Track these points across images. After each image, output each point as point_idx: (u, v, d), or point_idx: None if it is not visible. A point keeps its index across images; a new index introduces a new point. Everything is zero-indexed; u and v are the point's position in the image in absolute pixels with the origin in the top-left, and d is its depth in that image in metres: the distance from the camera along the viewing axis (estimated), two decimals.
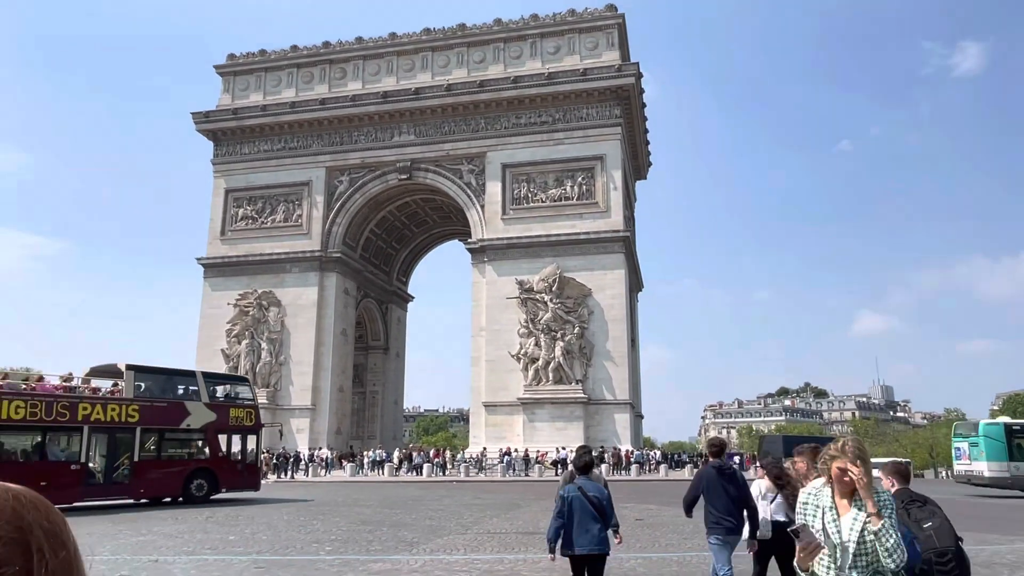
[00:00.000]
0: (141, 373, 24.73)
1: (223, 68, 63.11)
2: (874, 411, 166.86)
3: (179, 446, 24.84)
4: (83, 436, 21.78)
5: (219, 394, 26.69)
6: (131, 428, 22.85)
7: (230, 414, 25.70)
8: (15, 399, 20.53)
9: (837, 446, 4.11)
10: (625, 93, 54.65)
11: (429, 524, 17.60)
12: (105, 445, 22.57)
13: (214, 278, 58.77)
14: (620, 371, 50.49)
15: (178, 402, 24.62)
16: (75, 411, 21.65)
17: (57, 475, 20.81)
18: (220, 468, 24.94)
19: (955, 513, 6.79)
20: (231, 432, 25.65)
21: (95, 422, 22.02)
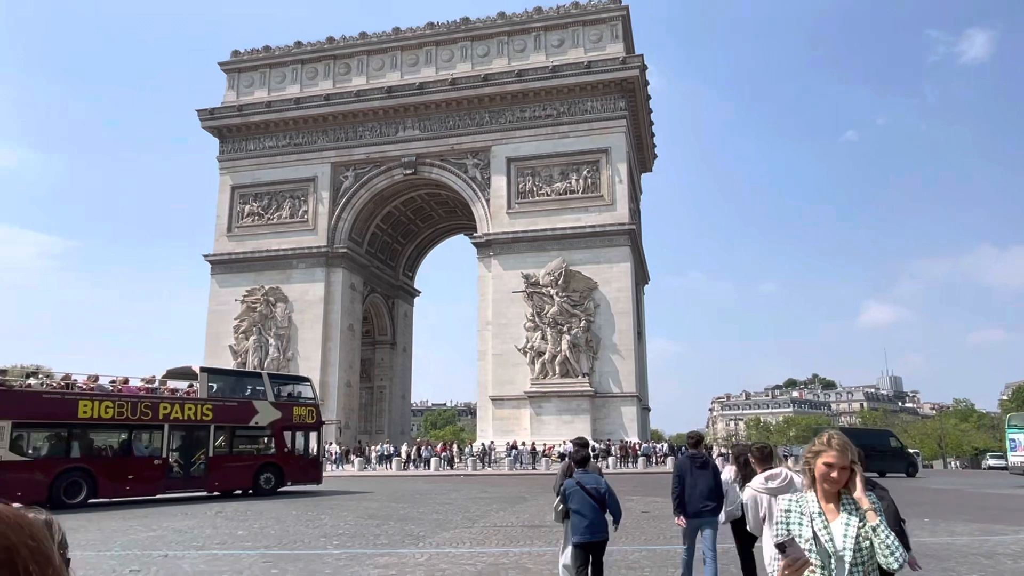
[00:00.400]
0: (213, 375, 27.20)
1: (228, 65, 63.25)
2: (882, 402, 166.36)
3: (248, 442, 26.49)
4: (164, 433, 23.55)
5: (283, 393, 28.25)
6: (206, 426, 24.50)
7: (294, 412, 27.31)
8: (105, 400, 22.47)
9: (821, 440, 3.61)
10: (630, 85, 54.54)
11: (436, 518, 17.73)
12: (183, 442, 24.31)
13: (221, 274, 59.06)
14: (626, 364, 50.55)
15: (247, 401, 26.19)
16: (157, 410, 23.47)
17: (142, 469, 22.87)
18: (286, 462, 26.50)
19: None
20: (295, 429, 27.21)
21: (174, 420, 23.76)
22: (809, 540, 3.52)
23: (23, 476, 20.39)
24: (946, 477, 47.48)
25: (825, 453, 3.56)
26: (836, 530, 3.52)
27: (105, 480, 22.08)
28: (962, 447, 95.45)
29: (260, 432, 26.32)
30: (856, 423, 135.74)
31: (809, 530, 3.55)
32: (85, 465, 21.79)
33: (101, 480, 21.97)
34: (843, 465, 3.52)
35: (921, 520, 16.46)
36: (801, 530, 3.57)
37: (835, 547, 3.48)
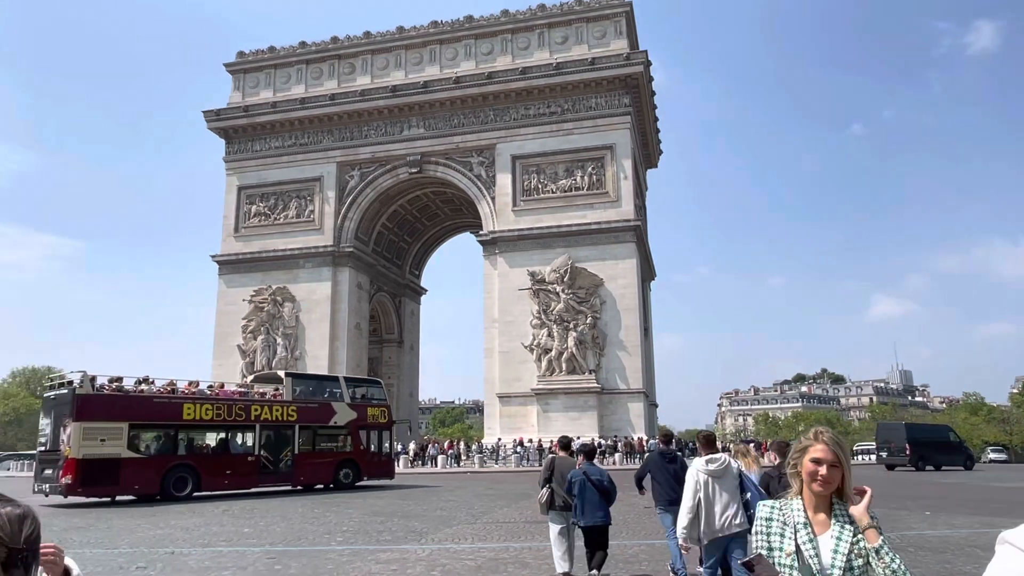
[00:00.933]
0: (297, 379, 29.68)
1: (233, 66, 63.55)
2: (892, 396, 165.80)
3: (328, 441, 28.22)
4: (255, 433, 25.80)
5: (358, 395, 30.09)
6: (291, 426, 26.67)
7: (367, 412, 29.25)
8: (205, 403, 25.01)
9: (809, 435, 3.14)
10: (634, 82, 54.51)
11: (440, 514, 17.89)
12: (271, 440, 26.34)
13: (229, 275, 59.43)
14: (633, 360, 50.60)
15: (327, 403, 28.19)
16: (249, 412, 25.81)
17: (239, 465, 25.24)
18: (362, 459, 28.60)
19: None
20: (369, 428, 29.22)
21: (264, 421, 26.04)
22: (791, 555, 3.00)
23: (139, 471, 22.79)
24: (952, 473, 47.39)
25: (812, 448, 3.06)
26: (824, 544, 2.99)
27: (207, 475, 24.39)
28: (972, 441, 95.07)
29: (338, 431, 28.24)
30: (866, 417, 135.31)
31: (792, 543, 3.03)
32: (190, 462, 24.14)
33: (204, 475, 24.29)
34: (833, 462, 2.99)
35: (922, 513, 16.51)
36: (783, 542, 3.05)
37: (820, 564, 2.95)
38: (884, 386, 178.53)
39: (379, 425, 29.57)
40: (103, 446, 22.23)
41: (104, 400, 23.15)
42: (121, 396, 23.67)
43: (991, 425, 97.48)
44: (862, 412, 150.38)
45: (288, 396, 27.16)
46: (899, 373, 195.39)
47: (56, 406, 23.69)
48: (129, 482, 22.64)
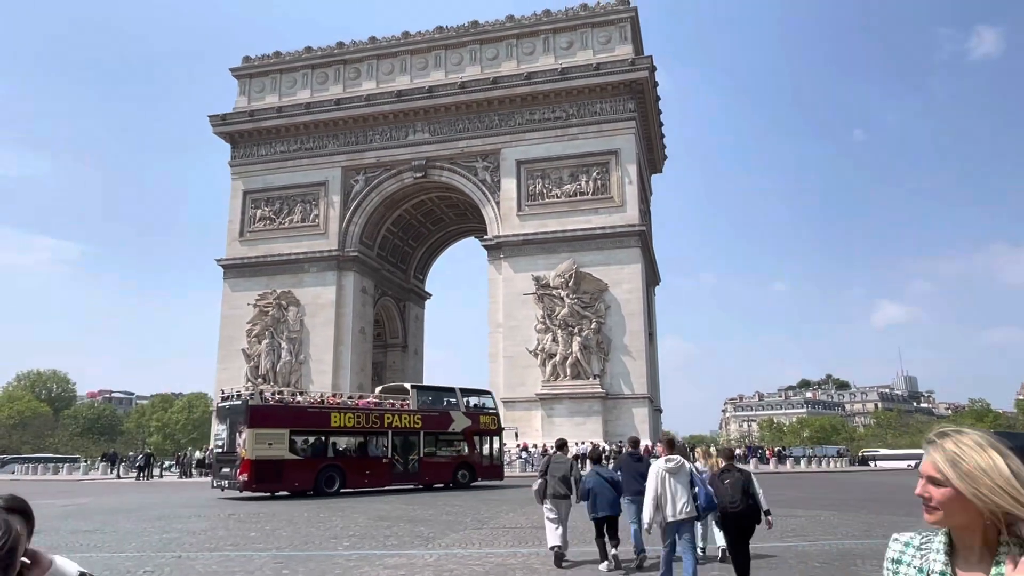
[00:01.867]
0: (420, 390, 32.72)
1: (239, 71, 63.75)
2: (897, 402, 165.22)
3: (448, 445, 31.30)
4: (389, 438, 29.15)
5: (471, 404, 32.91)
6: (417, 432, 29.92)
7: (480, 420, 32.22)
8: (348, 411, 28.85)
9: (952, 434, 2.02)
10: (639, 87, 54.52)
11: (446, 519, 17.85)
12: (401, 444, 29.51)
13: (234, 279, 59.50)
14: (638, 365, 50.51)
15: (446, 412, 31.35)
16: (383, 420, 29.28)
17: (376, 466, 28.54)
18: (476, 462, 31.66)
19: None
20: (481, 434, 32.24)
21: (395, 428, 29.40)
22: None
23: (298, 471, 26.34)
24: None
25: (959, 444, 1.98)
26: None
27: (351, 475, 27.84)
28: None
29: (456, 437, 31.41)
30: (871, 424, 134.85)
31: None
32: (337, 463, 27.69)
33: (348, 475, 27.74)
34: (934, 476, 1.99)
35: None
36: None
37: None
38: (889, 392, 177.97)
39: (490, 431, 32.59)
40: (270, 449, 25.89)
41: (270, 410, 27.18)
42: (283, 407, 27.88)
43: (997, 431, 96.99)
44: (867, 418, 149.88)
45: (414, 406, 30.57)
46: (904, 379, 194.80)
47: (231, 414, 27.45)
48: (290, 480, 26.33)
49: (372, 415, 29.22)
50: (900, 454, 76.57)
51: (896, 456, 74.74)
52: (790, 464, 57.32)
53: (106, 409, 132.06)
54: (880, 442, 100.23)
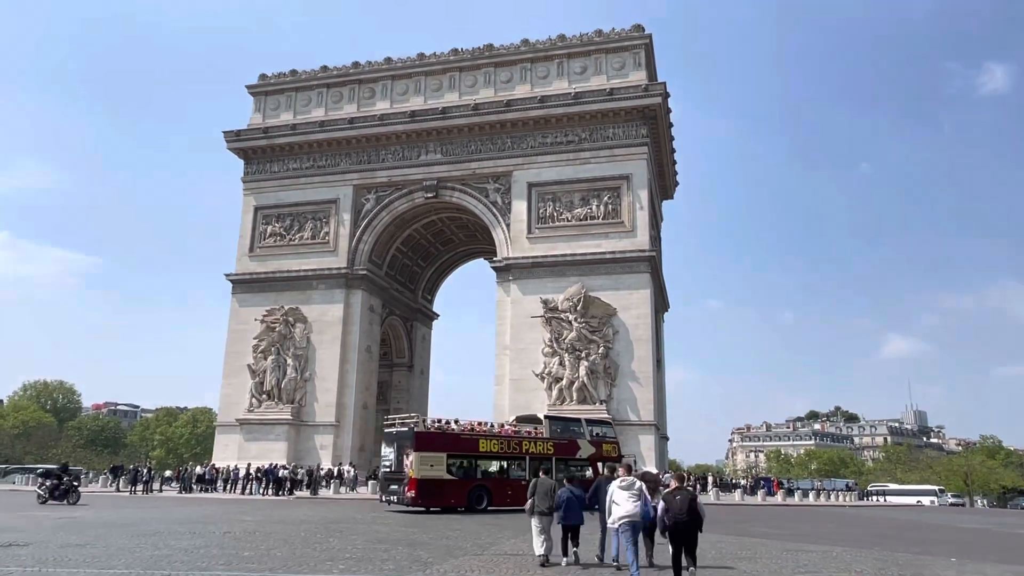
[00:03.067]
0: (552, 420, 35.45)
1: (255, 88, 64.29)
2: (907, 436, 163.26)
3: (576, 470, 33.02)
4: (526, 462, 32.02)
5: (595, 433, 35.80)
6: (549, 457, 32.61)
7: (603, 448, 34.98)
8: (493, 438, 32.05)
9: None
10: (652, 113, 54.56)
11: (446, 544, 17.40)
12: (536, 468, 29.62)
13: (242, 294, 59.48)
14: (645, 392, 49.95)
15: (573, 440, 34.38)
16: (521, 446, 32.45)
17: (516, 487, 30.50)
18: None
19: None
20: (604, 460, 33.27)
21: (531, 453, 32.41)
22: None
23: (453, 489, 29.91)
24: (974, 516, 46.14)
25: None
26: None
27: (496, 493, 31.01)
28: (989, 485, 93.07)
29: (582, 463, 33.93)
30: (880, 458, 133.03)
31: None
32: (484, 483, 31.01)
33: (494, 493, 30.98)
34: None
35: (948, 559, 15.88)
36: None
37: None
38: (899, 426, 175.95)
39: (611, 458, 34.25)
40: (432, 470, 29.33)
41: (432, 436, 30.69)
42: (442, 433, 31.17)
43: (1009, 469, 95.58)
44: (876, 452, 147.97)
45: (547, 434, 33.68)
46: (913, 413, 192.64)
47: (399, 439, 31.24)
48: (447, 497, 29.81)
49: (512, 442, 32.59)
50: (909, 489, 75.37)
51: (905, 492, 73.55)
52: (798, 497, 56.38)
53: (110, 421, 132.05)
54: (889, 477, 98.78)
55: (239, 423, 55.89)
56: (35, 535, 17.56)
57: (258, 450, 53.93)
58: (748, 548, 17.57)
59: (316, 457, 53.87)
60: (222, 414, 58.47)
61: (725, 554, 16.35)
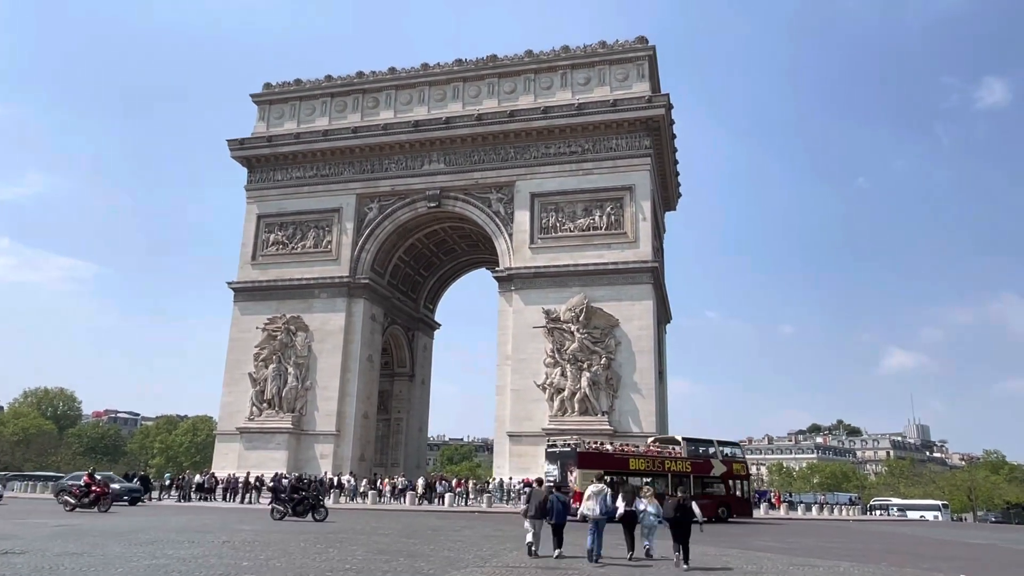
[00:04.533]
0: (688, 441, 38.61)
1: (259, 97, 64.44)
2: (909, 451, 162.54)
3: (710, 487, 37.25)
4: (668, 479, 35.01)
5: (726, 453, 39.36)
6: (687, 475, 36.27)
7: (733, 467, 38.66)
8: (640, 457, 36.04)
9: None
10: (655, 124, 54.58)
11: (447, 556, 17.19)
12: (677, 485, 34.23)
13: (244, 302, 59.38)
14: (647, 403, 49.69)
15: (707, 459, 37.76)
16: (663, 464, 36.03)
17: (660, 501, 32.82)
18: (732, 502, 38.00)
19: None
20: (734, 478, 38.56)
21: (672, 471, 35.72)
22: None
23: None
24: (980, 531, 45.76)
25: None
26: None
27: None
28: (993, 500, 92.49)
29: (715, 480, 37.68)
30: (883, 472, 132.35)
31: None
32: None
33: None
34: None
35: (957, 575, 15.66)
36: None
37: None
38: (901, 440, 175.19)
39: (741, 476, 39.13)
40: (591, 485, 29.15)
41: (592, 455, 34.90)
42: (599, 453, 35.74)
43: (1012, 484, 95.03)
44: (879, 466, 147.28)
45: (685, 453, 37.11)
46: (916, 427, 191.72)
47: (562, 457, 35.08)
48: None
49: (656, 460, 36.25)
50: (912, 504, 74.90)
51: (908, 506, 73.11)
52: (801, 510, 55.92)
53: (111, 429, 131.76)
54: (892, 491, 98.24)
55: (239, 431, 55.66)
56: (30, 544, 17.37)
57: (258, 459, 53.65)
58: (753, 562, 17.34)
59: (316, 466, 53.60)
60: (222, 422, 58.24)
61: (731, 568, 16.11)
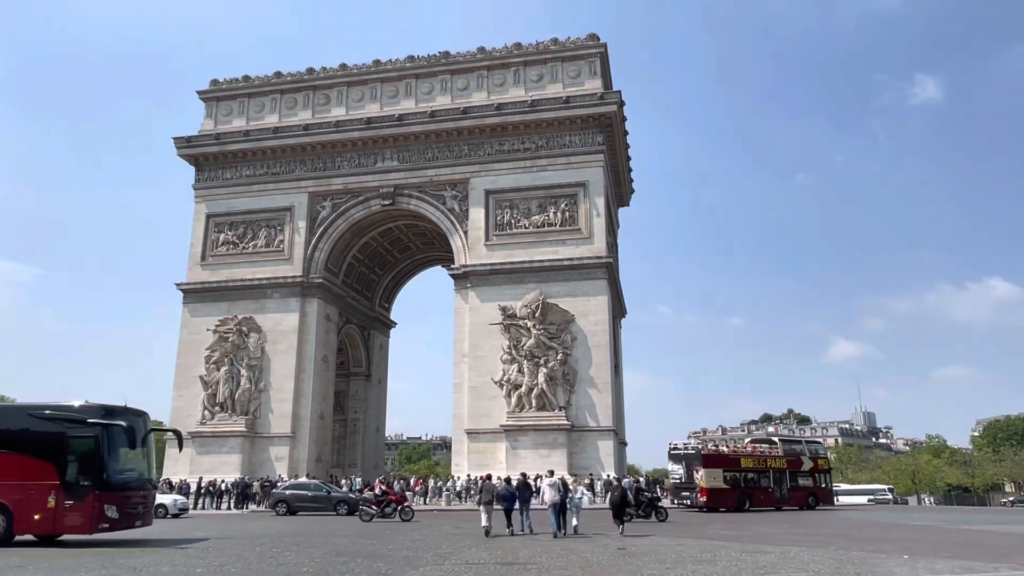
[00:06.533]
0: (783, 441, 45.84)
1: (206, 93, 63.06)
2: (857, 437, 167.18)
3: (800, 480, 42.73)
4: (770, 475, 41.26)
5: (811, 451, 45.10)
6: (784, 471, 41.86)
7: (818, 462, 44.40)
8: (749, 457, 41.74)
9: None
10: (608, 121, 55.09)
11: (405, 555, 17.14)
12: (776, 479, 41.48)
13: (194, 304, 58.10)
14: (603, 397, 50.23)
15: (798, 456, 43.66)
16: (766, 462, 41.74)
17: (765, 494, 40.67)
18: (818, 492, 43.69)
19: None
20: (820, 472, 44.35)
21: (772, 468, 41.63)
22: None
23: (728, 495, 38.60)
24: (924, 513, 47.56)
25: None
26: None
27: (753, 499, 39.53)
28: (935, 483, 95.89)
29: (805, 474, 43.17)
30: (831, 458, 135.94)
31: None
32: (745, 491, 39.59)
33: (752, 498, 39.44)
34: None
35: (900, 557, 16.22)
36: None
37: None
38: (849, 427, 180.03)
39: (824, 470, 44.85)
40: (715, 481, 38.48)
41: (714, 456, 41.55)
42: (719, 454, 43.21)
43: (954, 468, 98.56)
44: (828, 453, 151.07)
45: (780, 453, 42.67)
46: (863, 415, 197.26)
47: (687, 459, 40.78)
48: (725, 501, 38.22)
49: (760, 459, 41.67)
50: (858, 489, 77.40)
51: (855, 491, 75.44)
52: None
53: None
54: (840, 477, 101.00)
55: (191, 436, 54.37)
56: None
57: (210, 463, 52.63)
58: (708, 551, 17.70)
59: (271, 469, 52.82)
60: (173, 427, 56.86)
61: (685, 557, 16.44)
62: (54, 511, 18.74)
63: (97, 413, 19.57)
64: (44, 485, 18.89)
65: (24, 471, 19.12)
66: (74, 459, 19.26)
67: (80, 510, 18.71)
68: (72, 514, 18.71)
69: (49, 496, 18.78)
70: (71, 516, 18.70)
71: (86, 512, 18.67)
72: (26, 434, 19.67)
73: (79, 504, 18.74)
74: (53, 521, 18.82)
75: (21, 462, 19.26)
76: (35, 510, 18.77)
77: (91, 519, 18.66)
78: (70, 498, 18.81)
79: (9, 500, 18.92)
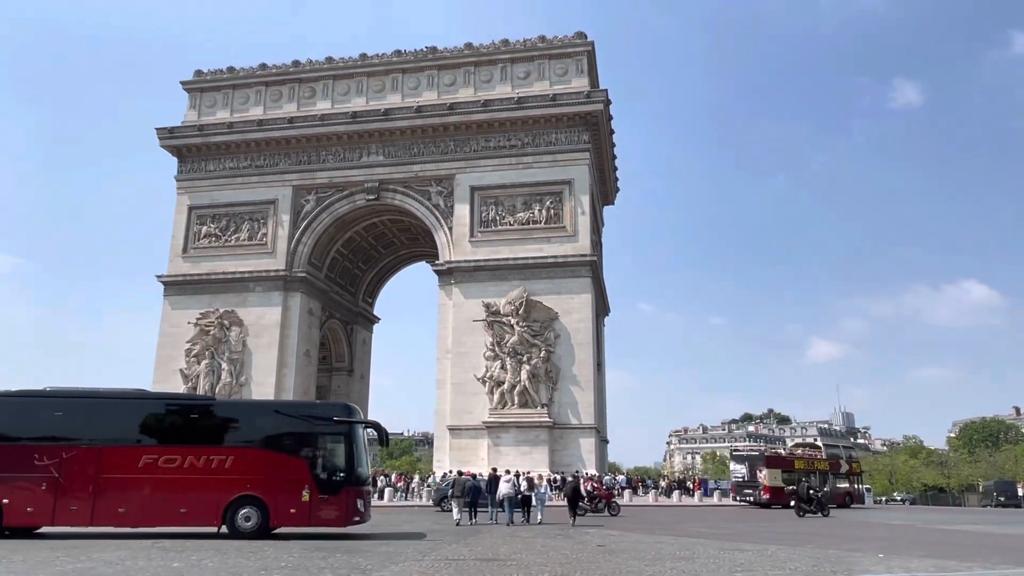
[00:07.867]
0: (826, 446, 50.44)
1: (190, 84, 62.46)
2: (835, 437, 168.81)
3: (839, 482, 47.67)
4: (817, 475, 45.59)
5: (846, 455, 51.78)
6: (826, 473, 47.19)
7: (853, 466, 50.98)
8: (800, 460, 47.89)
9: None
10: (594, 119, 55.19)
11: (385, 551, 17.10)
12: (821, 479, 44.87)
13: (175, 296, 57.59)
14: (586, 395, 50.37)
15: (837, 460, 51.12)
16: (814, 464, 47.51)
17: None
18: (853, 493, 49.30)
19: None
20: (853, 475, 50.73)
21: (818, 469, 46.72)
22: None
23: (784, 493, 42.24)
24: (900, 512, 48.17)
25: None
26: None
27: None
28: (912, 483, 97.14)
29: (841, 476, 48.84)
30: None
31: None
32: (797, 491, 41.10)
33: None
34: None
35: (875, 555, 16.41)
36: None
37: None
38: (828, 427, 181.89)
39: (858, 473, 51.48)
40: (775, 480, 43.74)
41: (775, 457, 48.45)
42: (778, 456, 49.51)
43: (930, 468, 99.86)
44: None
45: (823, 456, 49.01)
46: (842, 415, 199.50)
47: (750, 460, 48.36)
48: (782, 499, 42.21)
49: (810, 461, 47.77)
50: None
51: None
52: (717, 497, 56.58)
53: None
54: None
55: None
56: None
57: None
58: (687, 548, 17.82)
59: None
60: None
61: (664, 554, 16.54)
62: (309, 505, 19.31)
63: (342, 412, 20.70)
64: (297, 480, 19.56)
65: (276, 466, 19.74)
66: (325, 455, 20.13)
67: (335, 504, 19.46)
68: (327, 508, 19.42)
69: (303, 490, 19.37)
70: (326, 510, 19.42)
71: (341, 506, 19.47)
72: (277, 431, 20.32)
73: (333, 499, 19.47)
74: (309, 515, 19.40)
75: (273, 458, 19.92)
76: (291, 504, 19.36)
77: (346, 513, 19.48)
78: (324, 492, 19.47)
79: (264, 494, 19.42)
